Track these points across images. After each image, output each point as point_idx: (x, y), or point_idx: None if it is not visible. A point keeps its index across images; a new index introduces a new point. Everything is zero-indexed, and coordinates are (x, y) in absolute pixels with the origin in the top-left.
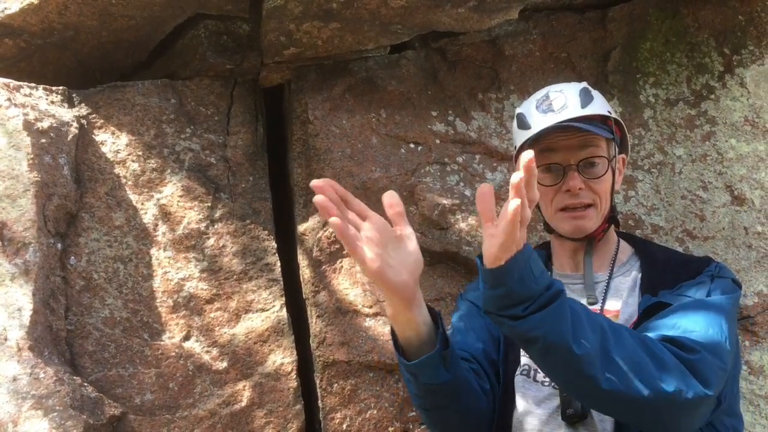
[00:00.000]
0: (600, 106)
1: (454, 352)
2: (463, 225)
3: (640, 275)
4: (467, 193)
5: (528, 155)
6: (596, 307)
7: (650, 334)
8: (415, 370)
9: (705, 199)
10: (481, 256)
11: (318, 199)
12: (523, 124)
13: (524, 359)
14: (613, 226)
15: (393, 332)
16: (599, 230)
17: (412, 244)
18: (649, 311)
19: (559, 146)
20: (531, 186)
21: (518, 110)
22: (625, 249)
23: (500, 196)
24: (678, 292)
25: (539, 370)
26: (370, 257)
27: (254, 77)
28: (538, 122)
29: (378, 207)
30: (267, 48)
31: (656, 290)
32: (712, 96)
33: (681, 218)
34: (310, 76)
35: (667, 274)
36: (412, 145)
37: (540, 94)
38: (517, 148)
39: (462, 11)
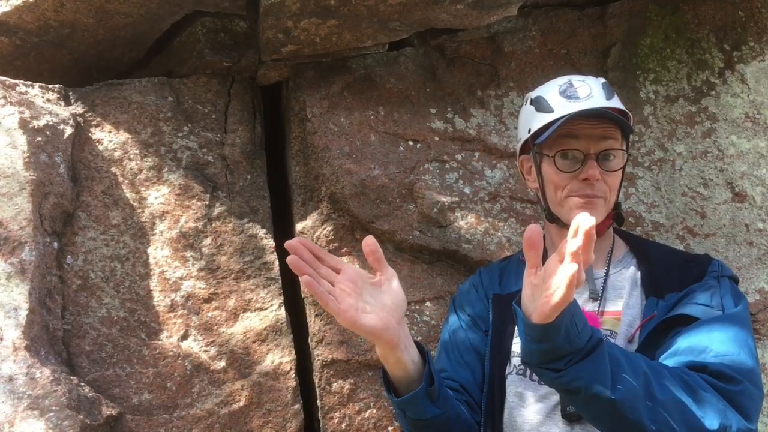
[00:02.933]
0: (620, 101)
1: (442, 389)
2: (462, 223)
3: (639, 273)
4: (466, 190)
5: (589, 221)
6: (593, 306)
7: (683, 360)
8: (403, 406)
9: (706, 196)
10: (518, 302)
11: (290, 259)
12: (544, 107)
13: (517, 359)
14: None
15: (383, 369)
16: (603, 225)
17: (394, 284)
18: (668, 323)
19: (582, 134)
20: (588, 250)
21: (535, 94)
22: (620, 245)
23: (498, 194)
24: (692, 299)
25: None
26: (343, 308)
27: (252, 75)
28: (563, 107)
29: (377, 205)
30: (265, 45)
31: (661, 291)
32: (713, 92)
33: (682, 215)
34: (308, 73)
35: (670, 273)
36: (410, 143)
37: (562, 80)
38: (532, 131)
39: (461, 8)
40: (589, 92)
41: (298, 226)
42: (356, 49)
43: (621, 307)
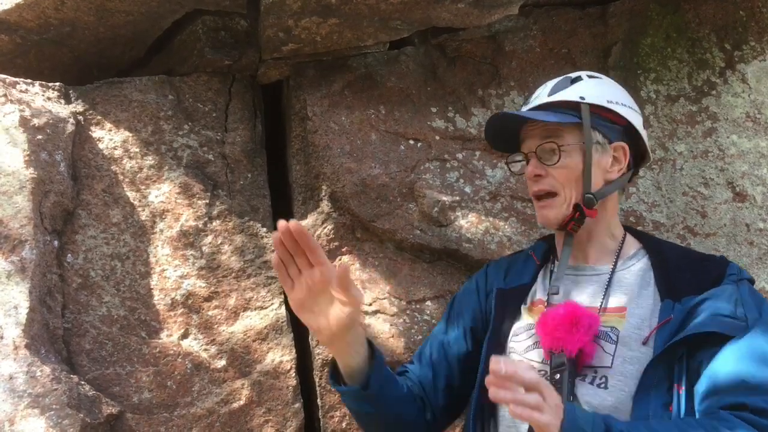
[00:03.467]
0: (574, 92)
1: (383, 392)
2: (463, 222)
3: (651, 273)
4: (467, 189)
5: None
6: (594, 304)
7: (722, 402)
8: (340, 393)
9: (706, 196)
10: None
11: (275, 235)
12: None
13: (515, 356)
14: (614, 220)
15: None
16: (567, 219)
17: (347, 311)
18: (693, 338)
19: (527, 137)
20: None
21: None
22: (632, 243)
23: (499, 193)
24: (714, 310)
25: (534, 368)
26: (295, 296)
27: (252, 73)
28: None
29: (378, 204)
30: (265, 44)
31: (676, 294)
32: (714, 92)
33: (682, 215)
34: (308, 72)
35: (685, 274)
36: (411, 142)
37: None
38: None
39: (462, 6)
40: (537, 94)
41: None
42: (357, 47)
43: (625, 303)
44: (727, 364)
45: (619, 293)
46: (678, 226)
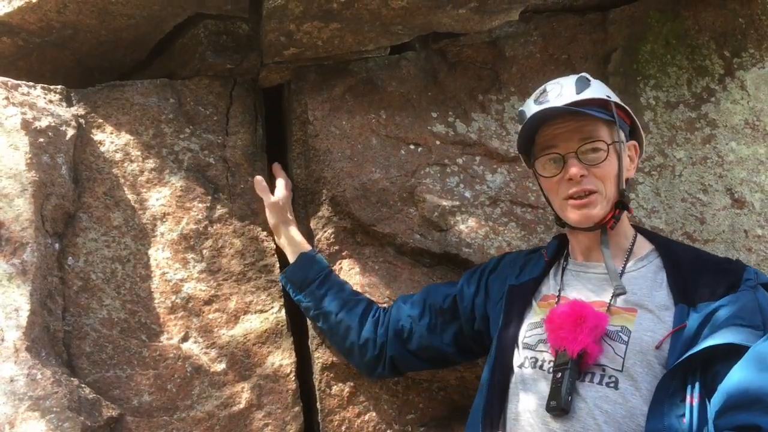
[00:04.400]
0: (598, 90)
1: (318, 291)
2: (463, 227)
3: (664, 274)
4: (467, 194)
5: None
6: (603, 300)
7: (737, 421)
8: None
9: (705, 202)
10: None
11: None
12: (521, 119)
13: (528, 352)
14: (627, 219)
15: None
16: (609, 217)
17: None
18: (711, 351)
19: (558, 137)
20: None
21: (520, 108)
22: (643, 244)
23: (499, 198)
24: (732, 319)
25: (546, 361)
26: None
27: (254, 77)
28: (534, 114)
29: (378, 208)
30: (267, 48)
31: (691, 299)
32: (713, 99)
33: (681, 221)
34: (309, 76)
35: (699, 278)
36: (412, 147)
37: (539, 89)
38: (518, 144)
39: (463, 12)
40: (558, 92)
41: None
42: (358, 52)
43: (636, 303)
44: (743, 378)
45: (630, 293)
46: (677, 232)
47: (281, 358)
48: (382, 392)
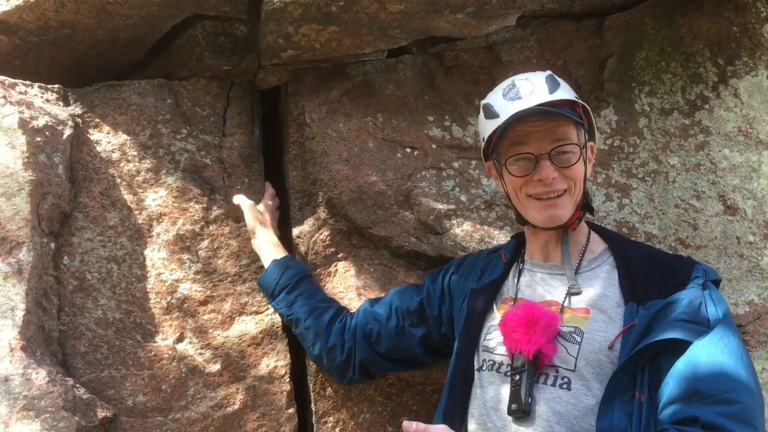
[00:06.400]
0: (567, 91)
1: (296, 300)
2: (458, 230)
3: (616, 273)
4: (463, 198)
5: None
6: (558, 300)
7: (675, 412)
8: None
9: (698, 208)
10: None
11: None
12: (491, 114)
13: (487, 354)
14: (584, 218)
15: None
16: (573, 218)
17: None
18: (656, 346)
19: (530, 136)
20: None
21: (484, 101)
22: (597, 242)
23: (494, 202)
24: (677, 316)
25: (503, 364)
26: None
27: (251, 79)
28: (506, 110)
29: (374, 211)
30: (265, 50)
31: (640, 297)
32: (707, 106)
33: (674, 227)
34: (307, 78)
35: (649, 276)
36: (408, 150)
37: (506, 83)
38: (485, 139)
39: (460, 17)
40: (531, 90)
41: (295, 231)
42: (355, 55)
43: (589, 304)
44: (685, 371)
45: (584, 294)
46: (670, 237)
47: (276, 360)
48: (376, 394)
